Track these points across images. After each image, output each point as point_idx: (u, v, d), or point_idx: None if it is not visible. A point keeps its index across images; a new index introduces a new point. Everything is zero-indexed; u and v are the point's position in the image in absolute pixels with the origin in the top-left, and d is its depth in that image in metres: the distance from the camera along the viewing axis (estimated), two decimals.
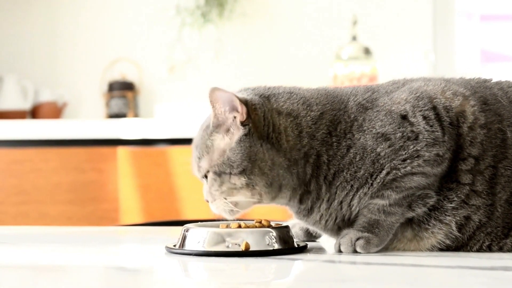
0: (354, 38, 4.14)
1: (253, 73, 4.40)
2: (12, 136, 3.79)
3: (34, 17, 4.49)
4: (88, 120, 3.98)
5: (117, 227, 2.70)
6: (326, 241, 1.64)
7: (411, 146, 1.47)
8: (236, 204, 1.51)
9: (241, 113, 1.48)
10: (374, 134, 1.49)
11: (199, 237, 1.49)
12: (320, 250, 1.57)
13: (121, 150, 3.69)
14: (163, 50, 4.42)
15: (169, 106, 4.33)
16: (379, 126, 1.49)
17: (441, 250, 1.51)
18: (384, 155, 1.48)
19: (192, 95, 4.39)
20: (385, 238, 1.50)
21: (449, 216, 1.49)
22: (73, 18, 4.48)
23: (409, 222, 1.51)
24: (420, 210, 1.49)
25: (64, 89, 4.44)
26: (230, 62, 4.42)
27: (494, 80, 1.59)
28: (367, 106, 1.52)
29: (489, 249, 1.50)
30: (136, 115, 4.38)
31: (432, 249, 1.51)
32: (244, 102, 1.48)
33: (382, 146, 1.48)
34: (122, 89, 4.37)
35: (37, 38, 4.49)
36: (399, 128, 1.48)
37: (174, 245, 1.53)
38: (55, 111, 4.37)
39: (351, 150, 1.50)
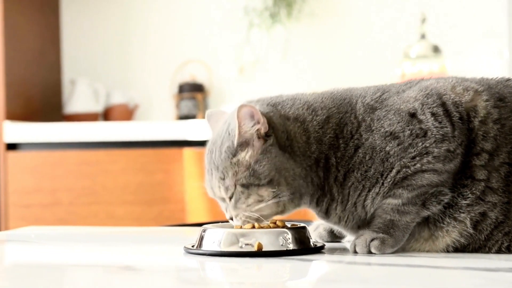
0: (422, 36, 4.08)
1: (321, 73, 4.38)
2: (85, 138, 3.85)
3: (105, 20, 4.57)
4: (156, 122, 4.02)
5: (171, 227, 2.72)
6: (349, 241, 1.62)
7: (420, 143, 1.45)
8: (260, 215, 1.50)
9: (263, 124, 1.47)
10: (382, 133, 1.48)
11: (214, 238, 1.50)
12: (337, 250, 1.56)
13: (187, 151, 3.72)
14: (232, 51, 4.44)
15: None
16: (387, 125, 1.48)
17: (457, 249, 1.48)
18: (394, 153, 1.46)
19: (260, 95, 4.39)
20: (401, 238, 1.48)
21: (463, 213, 1.46)
22: (144, 21, 4.54)
23: (426, 221, 1.49)
24: (435, 208, 1.47)
25: (135, 92, 4.50)
26: (298, 62, 4.41)
27: None
28: (375, 106, 1.51)
29: (508, 250, 1.47)
30: None
31: (447, 248, 1.48)
32: (263, 114, 1.48)
33: (391, 145, 1.46)
34: (192, 90, 4.40)
35: (109, 42, 4.56)
36: (407, 126, 1.46)
37: (193, 246, 1.54)
38: (126, 113, 4.43)
39: (360, 150, 1.49)
